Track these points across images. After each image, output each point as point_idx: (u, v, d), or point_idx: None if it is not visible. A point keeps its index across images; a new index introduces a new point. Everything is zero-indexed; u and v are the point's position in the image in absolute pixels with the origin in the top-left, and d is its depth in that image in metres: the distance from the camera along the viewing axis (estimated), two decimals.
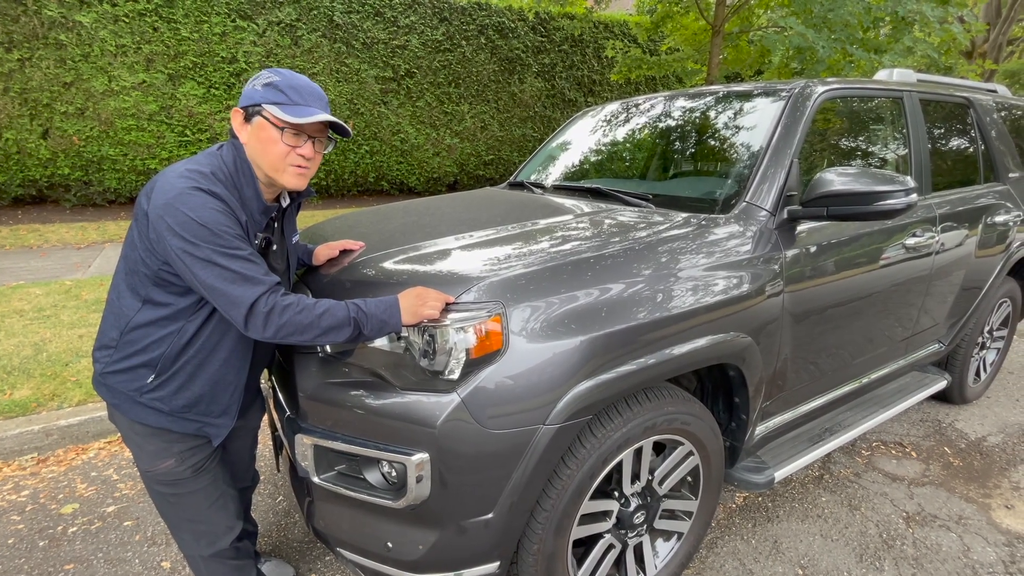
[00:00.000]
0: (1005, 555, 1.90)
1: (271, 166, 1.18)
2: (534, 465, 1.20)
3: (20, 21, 5.67)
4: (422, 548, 1.23)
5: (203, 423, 1.28)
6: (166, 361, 1.19)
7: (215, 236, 1.07)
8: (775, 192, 1.68)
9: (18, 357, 2.95)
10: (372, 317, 1.14)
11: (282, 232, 1.35)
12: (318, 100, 1.19)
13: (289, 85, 1.16)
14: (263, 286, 1.09)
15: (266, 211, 1.23)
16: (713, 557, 1.87)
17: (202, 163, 1.15)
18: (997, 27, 10.82)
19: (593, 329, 1.23)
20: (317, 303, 1.13)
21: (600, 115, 2.74)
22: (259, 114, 1.15)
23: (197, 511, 1.34)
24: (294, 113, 1.14)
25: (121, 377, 1.21)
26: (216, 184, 1.12)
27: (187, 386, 1.22)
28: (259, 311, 1.08)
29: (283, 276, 1.36)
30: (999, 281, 2.61)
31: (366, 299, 1.17)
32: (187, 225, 1.06)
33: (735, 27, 7.15)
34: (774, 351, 1.64)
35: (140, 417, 1.23)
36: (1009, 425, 2.78)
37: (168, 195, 1.07)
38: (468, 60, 8.27)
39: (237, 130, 1.19)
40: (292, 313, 1.10)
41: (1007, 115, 2.83)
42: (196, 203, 1.07)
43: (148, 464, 1.28)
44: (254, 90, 1.16)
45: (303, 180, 1.22)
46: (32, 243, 5.57)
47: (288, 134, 1.15)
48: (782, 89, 1.94)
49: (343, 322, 1.12)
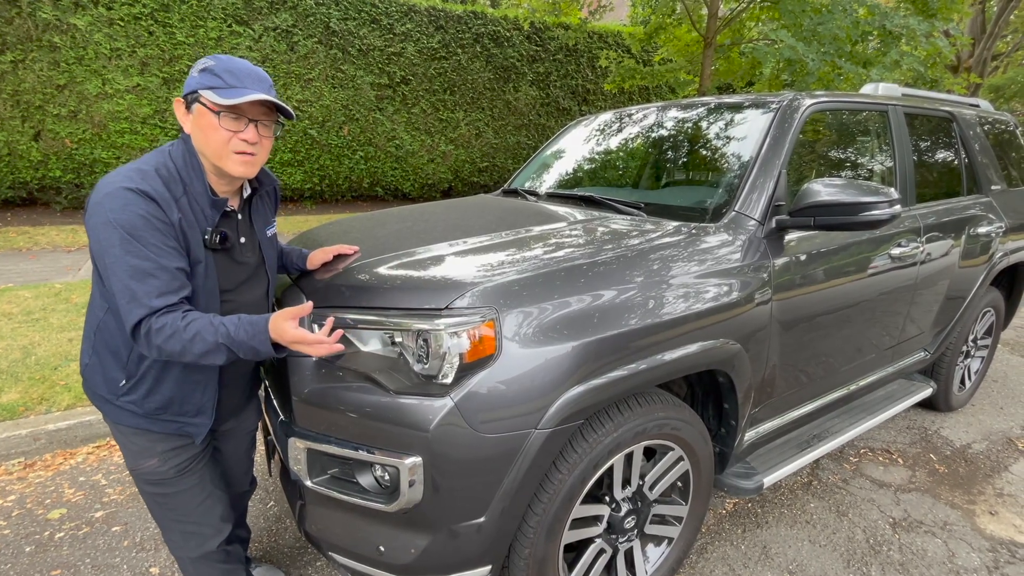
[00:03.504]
0: (989, 560, 1.93)
1: (214, 153, 1.14)
2: (526, 469, 1.21)
3: (14, 23, 5.65)
4: (414, 552, 1.24)
5: (181, 423, 1.28)
6: (132, 364, 1.19)
7: (126, 240, 1.04)
8: (764, 202, 1.71)
9: (6, 360, 2.92)
10: (241, 344, 1.09)
11: (251, 224, 1.32)
12: (257, 82, 1.14)
13: (225, 68, 1.12)
14: (144, 310, 1.05)
15: (215, 204, 1.19)
16: (703, 562, 1.88)
17: (145, 161, 1.13)
18: (982, 42, 11.06)
19: (585, 335, 1.25)
20: (188, 326, 1.07)
21: (593, 124, 2.77)
22: (197, 101, 1.12)
23: (184, 511, 1.34)
24: (228, 95, 1.10)
25: (98, 380, 1.23)
26: (154, 181, 1.09)
27: (156, 388, 1.22)
28: (140, 333, 1.07)
29: (256, 271, 1.33)
30: (982, 291, 2.66)
31: (240, 320, 1.11)
32: (105, 225, 1.04)
33: (727, 39, 7.26)
34: (762, 358, 1.66)
35: (119, 418, 1.24)
36: (993, 432, 2.82)
37: (99, 194, 1.06)
38: (463, 68, 8.32)
39: (181, 121, 1.17)
40: (164, 338, 1.06)
41: (989, 129, 2.91)
42: (118, 203, 1.05)
43: (133, 462, 1.29)
44: (192, 77, 1.13)
45: (249, 167, 1.17)
46: (22, 246, 5.51)
47: (226, 118, 1.11)
48: (771, 101, 1.98)
49: (212, 347, 1.08)
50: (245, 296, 1.31)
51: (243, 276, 1.30)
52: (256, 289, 1.34)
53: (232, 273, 1.27)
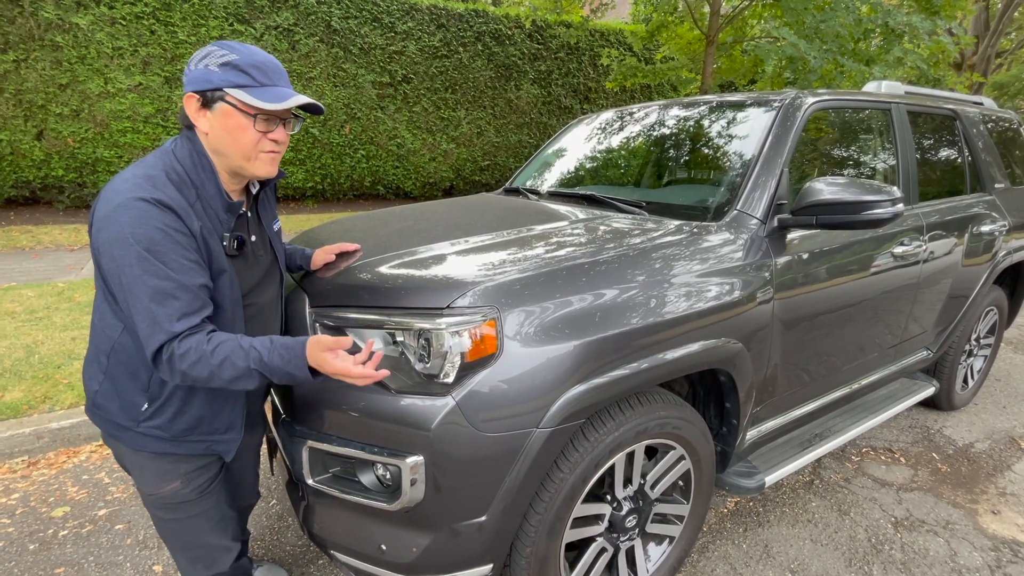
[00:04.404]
0: (991, 559, 1.93)
1: (242, 155, 1.07)
2: (527, 468, 1.22)
3: (16, 22, 5.66)
4: (415, 551, 1.24)
5: (210, 442, 1.21)
6: (155, 386, 1.10)
7: (144, 259, 0.96)
8: (766, 201, 1.71)
9: (9, 359, 2.94)
10: (275, 370, 1.04)
11: (259, 221, 1.26)
12: (283, 77, 1.08)
13: (251, 63, 1.03)
14: (166, 335, 0.98)
15: (232, 208, 1.12)
16: (704, 561, 1.88)
17: (152, 165, 1.04)
18: (986, 40, 11.01)
19: (586, 334, 1.25)
20: (215, 351, 1.00)
21: (594, 123, 2.77)
22: (222, 100, 1.03)
23: (197, 535, 1.28)
24: (267, 97, 1.03)
25: (114, 407, 1.13)
26: (167, 188, 1.01)
27: (184, 410, 1.14)
28: (162, 359, 1.00)
29: (269, 268, 1.28)
30: (985, 289, 2.66)
31: (273, 343, 1.04)
32: (120, 242, 0.96)
33: (729, 37, 7.24)
34: (764, 357, 1.66)
35: (140, 445, 1.15)
36: (996, 432, 2.81)
37: (109, 205, 0.98)
38: (465, 66, 8.32)
39: (193, 118, 1.05)
40: (189, 364, 0.99)
41: (993, 127, 2.89)
42: (132, 217, 0.96)
43: (152, 487, 1.20)
44: (209, 71, 1.02)
45: (275, 167, 1.13)
46: (25, 245, 5.53)
47: (261, 120, 1.05)
48: (773, 100, 1.98)
49: (244, 372, 1.02)
50: (263, 296, 1.26)
51: (259, 276, 1.25)
52: (272, 288, 1.30)
53: (249, 276, 1.21)
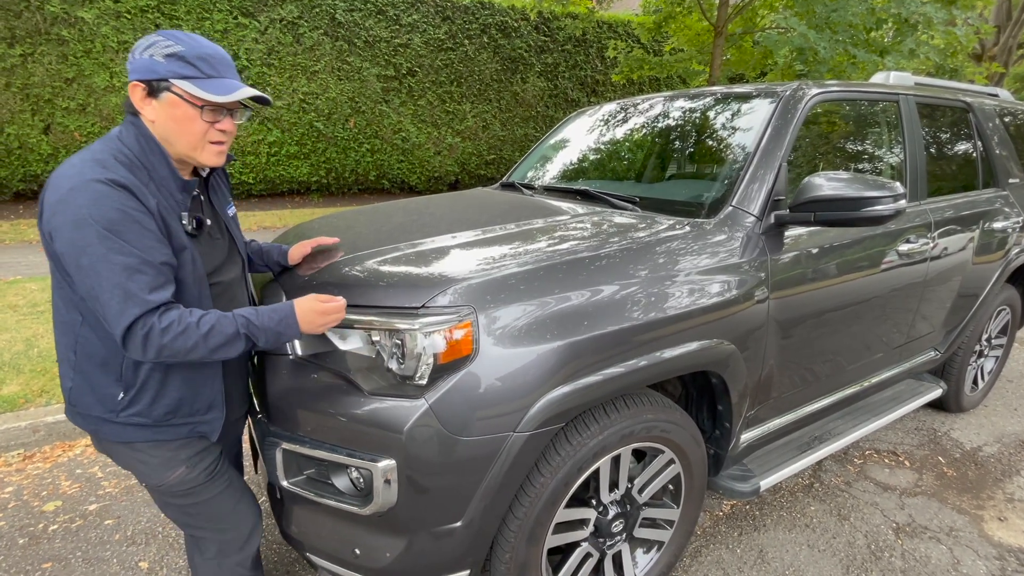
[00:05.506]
0: (996, 568, 1.86)
1: (189, 145, 1.07)
2: (504, 473, 1.18)
3: (23, 17, 5.69)
4: (389, 556, 1.21)
5: (194, 423, 1.18)
6: (128, 372, 1.08)
7: (105, 237, 0.95)
8: (763, 196, 1.64)
9: (9, 352, 2.96)
10: (265, 330, 1.07)
11: (212, 205, 1.25)
12: (230, 68, 1.08)
13: (197, 55, 1.03)
14: (141, 307, 0.96)
15: (186, 187, 1.12)
16: (696, 566, 1.84)
17: (99, 151, 1.03)
18: (1007, 30, 10.68)
19: (566, 335, 1.20)
20: (201, 320, 1.01)
21: (592, 116, 2.71)
22: (168, 90, 1.03)
23: (222, 516, 1.27)
24: (214, 89, 1.03)
25: (89, 400, 1.11)
26: (118, 169, 1.00)
27: (163, 392, 1.11)
28: (136, 333, 0.97)
29: (229, 250, 1.27)
30: (997, 288, 2.56)
31: (259, 308, 1.09)
32: (78, 223, 0.94)
33: (738, 28, 7.10)
34: (759, 358, 1.61)
35: (124, 436, 1.13)
36: (1006, 435, 2.73)
37: (61, 190, 0.96)
38: (470, 59, 8.25)
39: (139, 106, 1.05)
40: (173, 335, 0.98)
41: (1010, 120, 2.78)
42: (87, 198, 0.94)
43: (157, 478, 1.18)
44: (154, 61, 1.02)
45: (223, 157, 1.13)
46: (32, 238, 5.59)
47: (207, 111, 1.05)
48: (773, 91, 1.90)
49: (232, 338, 1.04)
50: (227, 275, 1.25)
51: (221, 258, 1.24)
52: (234, 269, 1.29)
53: (212, 256, 1.20)
